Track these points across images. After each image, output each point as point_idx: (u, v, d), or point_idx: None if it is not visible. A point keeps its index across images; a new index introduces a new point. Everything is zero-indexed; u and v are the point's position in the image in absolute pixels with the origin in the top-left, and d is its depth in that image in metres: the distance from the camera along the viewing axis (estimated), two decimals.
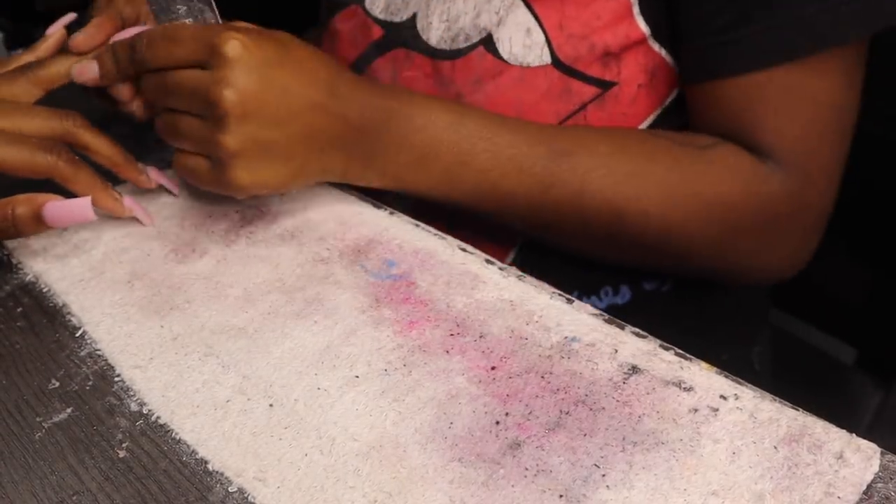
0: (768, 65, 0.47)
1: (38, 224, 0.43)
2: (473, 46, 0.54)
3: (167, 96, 0.45)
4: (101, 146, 0.47)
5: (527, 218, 0.50)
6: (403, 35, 0.57)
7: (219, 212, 0.50)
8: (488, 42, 0.53)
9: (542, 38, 0.52)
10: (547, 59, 0.52)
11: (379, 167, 0.48)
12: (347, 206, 0.50)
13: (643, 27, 0.51)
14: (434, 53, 0.56)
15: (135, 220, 0.49)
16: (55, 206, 0.43)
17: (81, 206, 0.43)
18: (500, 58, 0.53)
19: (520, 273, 0.43)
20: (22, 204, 0.43)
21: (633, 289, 0.59)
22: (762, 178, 0.48)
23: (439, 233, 0.47)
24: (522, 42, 0.52)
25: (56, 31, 0.52)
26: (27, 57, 0.51)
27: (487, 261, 0.44)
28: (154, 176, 0.50)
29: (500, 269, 0.44)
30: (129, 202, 0.48)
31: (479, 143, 0.48)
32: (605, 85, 0.52)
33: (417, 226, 0.48)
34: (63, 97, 0.50)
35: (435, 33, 0.55)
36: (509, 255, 0.58)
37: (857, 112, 0.50)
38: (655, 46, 0.52)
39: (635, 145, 0.50)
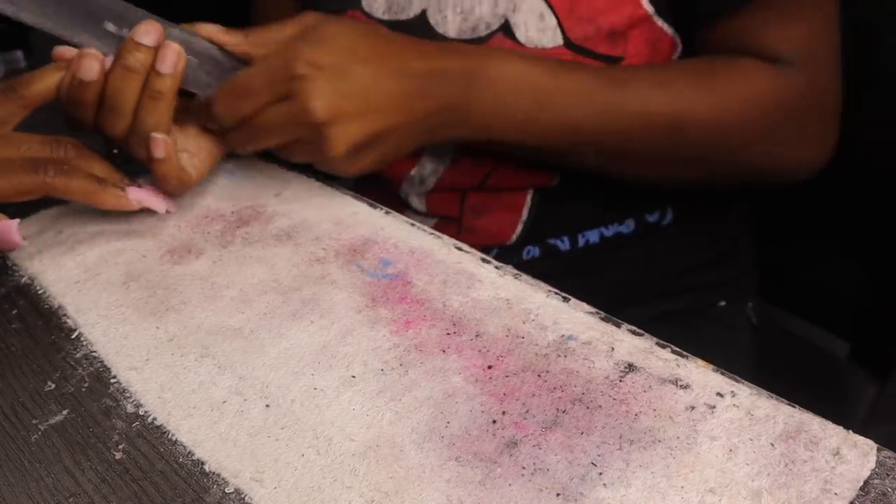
0: None
1: None
2: (493, 33, 0.57)
3: (259, 140, 0.49)
4: (94, 168, 0.46)
5: (599, 146, 0.55)
6: (414, 31, 0.59)
7: (214, 212, 0.50)
8: (506, 28, 0.57)
9: (553, 21, 0.55)
10: (559, 40, 0.56)
11: (467, 123, 0.52)
12: (343, 206, 0.50)
13: (647, 6, 0.55)
14: None
15: (131, 219, 0.49)
16: None
17: (7, 230, 0.42)
18: (518, 41, 0.56)
19: (516, 272, 0.43)
20: None
21: (636, 220, 0.65)
22: (783, 76, 0.55)
23: (435, 232, 0.47)
24: (537, 26, 0.56)
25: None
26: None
27: (483, 259, 0.44)
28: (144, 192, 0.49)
29: (496, 267, 0.44)
30: (134, 194, 0.47)
31: (551, 84, 0.52)
32: (613, 60, 0.56)
33: (413, 225, 0.48)
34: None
35: (452, 26, 0.58)
36: (527, 196, 0.62)
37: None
38: (659, 22, 0.56)
39: (677, 67, 0.56)
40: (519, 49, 0.56)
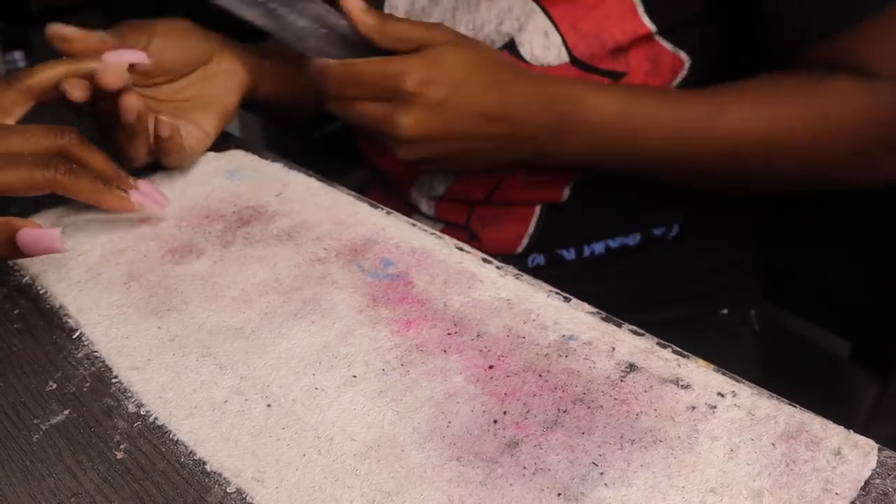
0: (882, 6, 0.51)
1: (13, 250, 0.42)
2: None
3: (348, 118, 0.53)
4: (95, 161, 0.47)
5: (687, 175, 0.57)
6: None
7: (215, 212, 0.50)
8: (511, 46, 0.57)
9: (558, 39, 0.56)
10: (565, 57, 0.56)
11: (553, 159, 0.55)
12: (344, 206, 0.50)
13: (649, 24, 0.55)
14: None
15: (132, 219, 0.49)
16: (28, 234, 0.42)
17: (50, 238, 0.42)
18: (523, 59, 0.57)
19: (517, 272, 0.43)
20: None
21: (643, 233, 0.65)
22: (880, 94, 0.53)
23: (436, 232, 0.47)
24: (542, 44, 0.56)
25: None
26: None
27: (484, 259, 0.44)
28: (144, 189, 0.50)
29: (497, 267, 0.44)
30: (137, 197, 0.48)
31: (646, 122, 0.53)
32: (616, 76, 0.56)
33: (414, 225, 0.48)
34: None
35: None
36: (534, 210, 0.63)
37: None
38: (659, 40, 0.56)
39: (772, 89, 0.55)
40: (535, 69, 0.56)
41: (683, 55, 0.57)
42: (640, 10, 0.55)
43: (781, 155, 0.54)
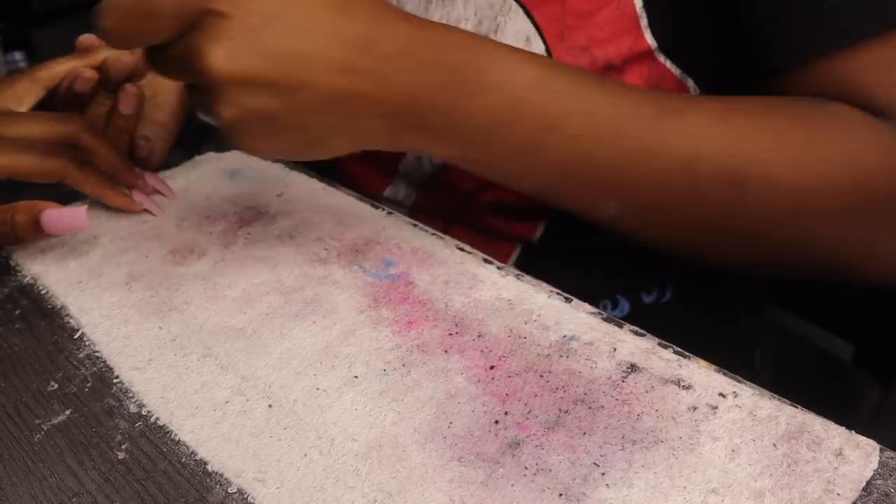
0: (888, 25, 0.40)
1: (37, 231, 0.43)
2: None
3: (156, 68, 0.39)
4: (103, 150, 0.48)
5: (624, 195, 0.42)
6: None
7: (217, 213, 0.50)
8: None
9: (542, 47, 0.47)
10: None
11: (440, 135, 0.40)
12: (345, 207, 0.50)
13: (650, 40, 0.46)
14: None
15: (133, 219, 0.49)
16: (52, 214, 0.43)
17: (76, 215, 0.43)
18: None
19: (518, 272, 0.43)
20: (21, 211, 0.43)
21: (631, 302, 0.55)
22: (892, 135, 0.40)
23: (437, 232, 0.47)
24: None
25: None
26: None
27: (485, 260, 0.44)
28: (150, 181, 0.51)
29: (499, 268, 0.44)
30: (138, 196, 0.50)
31: (572, 104, 0.40)
32: None
33: (415, 226, 0.48)
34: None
35: None
36: (511, 257, 0.55)
37: None
38: (661, 58, 0.47)
39: (749, 101, 0.43)
40: None
41: (691, 84, 0.48)
42: (644, 22, 0.46)
43: (751, 193, 0.41)
